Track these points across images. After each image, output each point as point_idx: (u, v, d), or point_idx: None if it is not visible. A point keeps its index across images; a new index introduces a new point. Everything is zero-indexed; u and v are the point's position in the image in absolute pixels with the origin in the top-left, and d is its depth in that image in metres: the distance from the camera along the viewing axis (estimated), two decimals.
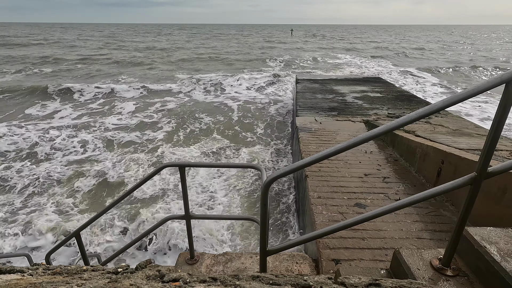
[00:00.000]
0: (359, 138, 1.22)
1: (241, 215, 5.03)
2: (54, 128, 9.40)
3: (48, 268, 1.10)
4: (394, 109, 7.39)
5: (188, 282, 0.93)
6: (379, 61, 27.92)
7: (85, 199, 5.81)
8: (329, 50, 37.26)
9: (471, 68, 22.89)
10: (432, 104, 1.17)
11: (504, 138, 4.26)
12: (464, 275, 1.48)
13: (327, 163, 4.31)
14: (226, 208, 5.42)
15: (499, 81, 1.08)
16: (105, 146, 8.24)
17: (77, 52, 31.24)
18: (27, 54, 27.88)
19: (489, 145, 1.19)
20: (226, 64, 24.20)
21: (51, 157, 7.59)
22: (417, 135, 4.68)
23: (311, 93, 9.33)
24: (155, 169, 2.08)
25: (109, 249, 4.43)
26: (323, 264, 2.40)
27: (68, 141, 8.46)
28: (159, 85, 15.50)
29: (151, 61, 25.40)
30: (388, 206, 1.33)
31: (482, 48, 41.77)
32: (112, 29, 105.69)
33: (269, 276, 1.02)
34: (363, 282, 1.00)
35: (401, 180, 3.92)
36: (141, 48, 36.17)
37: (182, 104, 12.22)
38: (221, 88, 15.13)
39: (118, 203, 2.42)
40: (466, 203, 1.30)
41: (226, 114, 10.99)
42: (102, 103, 12.55)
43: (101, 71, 20.40)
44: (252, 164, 2.22)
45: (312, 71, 21.06)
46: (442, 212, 3.13)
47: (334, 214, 3.10)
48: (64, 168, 6.90)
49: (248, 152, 7.85)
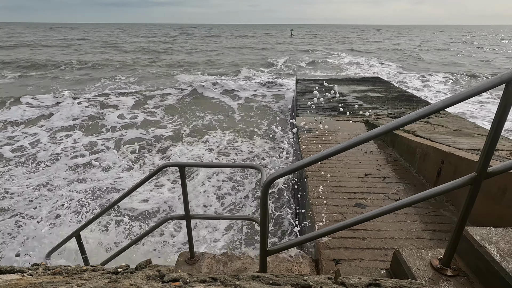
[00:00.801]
0: (359, 138, 1.22)
1: (241, 215, 5.02)
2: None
3: (48, 268, 1.10)
4: (394, 109, 7.39)
5: (188, 282, 0.93)
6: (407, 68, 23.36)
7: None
8: (332, 51, 36.93)
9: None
10: (432, 104, 1.17)
11: (504, 138, 4.26)
12: (464, 275, 1.48)
13: (327, 163, 4.31)
14: (226, 208, 5.42)
15: (499, 81, 1.08)
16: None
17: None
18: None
19: (489, 145, 1.19)
20: (227, 65, 24.16)
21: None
22: (417, 135, 4.68)
23: (311, 93, 9.33)
24: (155, 169, 2.08)
25: (109, 249, 4.43)
26: (323, 264, 2.40)
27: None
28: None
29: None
30: (388, 206, 1.33)
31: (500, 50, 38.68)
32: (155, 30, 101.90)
33: (269, 276, 1.02)
34: (363, 282, 1.00)
35: (401, 180, 3.92)
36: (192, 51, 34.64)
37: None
38: (222, 88, 15.13)
39: (118, 203, 2.42)
40: (466, 203, 1.30)
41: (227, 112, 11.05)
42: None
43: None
44: (252, 164, 2.22)
45: (312, 72, 21.04)
46: (442, 212, 3.13)
47: (334, 214, 3.10)
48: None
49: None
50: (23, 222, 4.95)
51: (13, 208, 5.35)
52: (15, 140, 8.70)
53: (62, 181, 6.30)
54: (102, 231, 4.84)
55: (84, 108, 11.40)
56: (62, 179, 6.35)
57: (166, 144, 8.45)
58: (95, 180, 6.40)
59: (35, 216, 5.04)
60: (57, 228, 4.43)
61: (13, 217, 5.11)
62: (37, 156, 7.68)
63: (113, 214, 5.21)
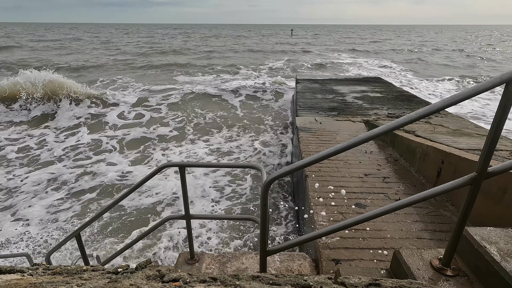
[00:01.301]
0: (359, 138, 1.22)
1: (241, 215, 5.03)
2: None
3: (48, 268, 1.10)
4: (394, 109, 7.39)
5: (188, 282, 0.93)
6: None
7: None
8: (333, 51, 36.58)
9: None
10: (432, 104, 1.17)
11: (504, 138, 4.26)
12: (464, 275, 1.48)
13: (327, 163, 4.31)
14: (226, 208, 5.42)
15: (499, 81, 1.08)
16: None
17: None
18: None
19: (489, 145, 1.19)
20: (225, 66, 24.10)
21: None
22: (417, 135, 4.68)
23: (311, 93, 9.33)
24: (155, 169, 2.08)
25: (109, 249, 4.43)
26: (323, 264, 2.40)
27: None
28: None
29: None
30: (388, 206, 1.33)
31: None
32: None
33: (269, 276, 1.02)
34: (363, 282, 1.00)
35: (401, 180, 3.92)
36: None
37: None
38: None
39: (118, 203, 2.42)
40: (466, 203, 1.30)
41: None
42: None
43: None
44: (252, 164, 2.22)
45: (313, 72, 20.99)
46: (442, 212, 3.13)
47: (334, 214, 3.10)
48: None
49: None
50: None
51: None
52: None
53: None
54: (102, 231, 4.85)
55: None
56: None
57: (167, 144, 8.46)
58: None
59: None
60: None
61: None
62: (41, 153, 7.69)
63: (113, 214, 5.22)
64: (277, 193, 5.66)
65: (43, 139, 8.78)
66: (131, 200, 5.63)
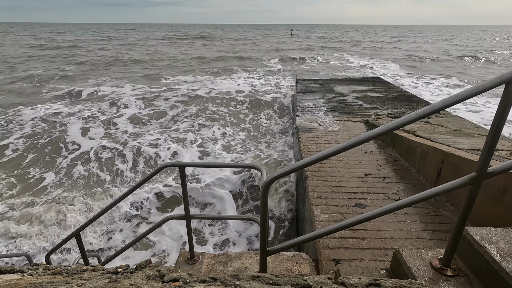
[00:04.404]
0: (359, 138, 1.23)
1: (241, 215, 5.03)
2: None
3: (48, 268, 1.10)
4: (394, 109, 7.39)
5: (188, 282, 0.93)
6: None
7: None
8: (334, 52, 36.25)
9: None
10: (432, 104, 1.17)
11: (504, 138, 4.26)
12: (464, 275, 1.48)
13: (327, 163, 4.31)
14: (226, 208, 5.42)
15: (499, 81, 1.08)
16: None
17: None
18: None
19: (489, 145, 1.19)
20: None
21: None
22: (417, 135, 4.68)
23: (311, 93, 9.33)
24: (155, 169, 2.08)
25: (109, 249, 4.43)
26: (323, 264, 2.40)
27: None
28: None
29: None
30: (388, 206, 1.33)
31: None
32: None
33: (269, 276, 1.02)
34: (363, 282, 1.00)
35: (401, 180, 3.92)
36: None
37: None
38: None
39: (118, 203, 2.42)
40: (466, 203, 1.30)
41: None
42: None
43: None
44: (252, 164, 2.22)
45: (313, 72, 20.95)
46: (442, 212, 3.13)
47: (334, 214, 3.10)
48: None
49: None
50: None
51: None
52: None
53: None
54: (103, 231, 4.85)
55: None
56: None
57: (168, 143, 8.46)
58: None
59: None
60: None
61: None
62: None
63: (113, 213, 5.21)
64: (277, 193, 5.66)
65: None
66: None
